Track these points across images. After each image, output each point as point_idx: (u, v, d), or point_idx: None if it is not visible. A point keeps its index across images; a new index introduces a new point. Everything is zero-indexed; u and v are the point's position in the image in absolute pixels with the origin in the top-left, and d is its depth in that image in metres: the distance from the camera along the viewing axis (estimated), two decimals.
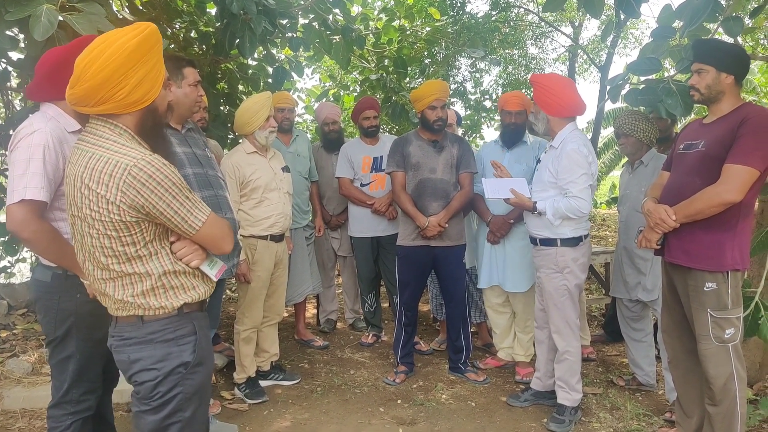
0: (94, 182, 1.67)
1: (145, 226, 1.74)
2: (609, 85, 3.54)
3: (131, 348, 1.83)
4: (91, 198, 1.68)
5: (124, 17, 4.23)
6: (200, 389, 1.91)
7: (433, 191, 3.91)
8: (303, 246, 4.72)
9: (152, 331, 1.82)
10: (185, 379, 1.85)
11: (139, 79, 1.71)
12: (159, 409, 1.83)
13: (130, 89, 1.70)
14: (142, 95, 1.74)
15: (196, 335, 1.89)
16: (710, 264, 2.65)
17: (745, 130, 2.54)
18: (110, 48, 1.65)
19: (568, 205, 3.22)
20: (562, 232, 3.33)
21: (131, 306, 1.81)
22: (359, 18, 6.35)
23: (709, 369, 2.70)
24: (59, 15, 2.52)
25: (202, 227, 1.81)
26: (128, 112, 1.75)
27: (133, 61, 1.68)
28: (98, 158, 1.68)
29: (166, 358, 1.82)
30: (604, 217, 12.40)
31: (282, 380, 4.05)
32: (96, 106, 1.70)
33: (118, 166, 1.65)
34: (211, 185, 3.07)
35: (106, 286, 1.81)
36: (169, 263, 1.82)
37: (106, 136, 1.73)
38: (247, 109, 3.63)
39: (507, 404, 3.72)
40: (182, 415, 1.86)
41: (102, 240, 1.73)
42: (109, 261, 1.76)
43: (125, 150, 1.69)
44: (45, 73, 2.20)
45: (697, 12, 3.01)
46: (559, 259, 3.35)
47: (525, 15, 12.64)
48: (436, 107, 3.89)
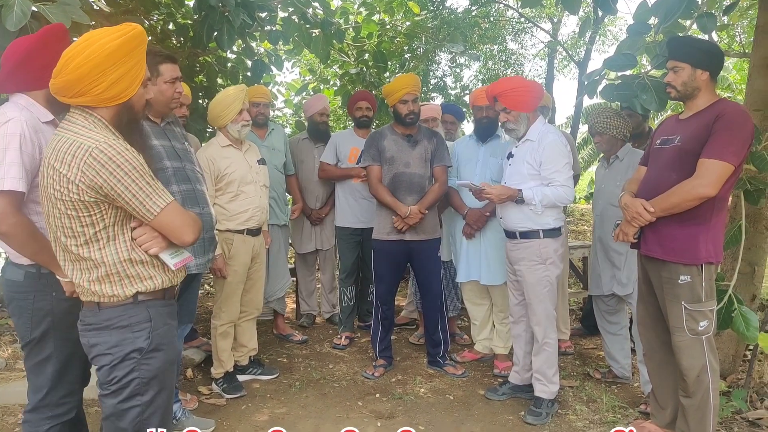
0: (59, 162, 1.75)
1: (105, 208, 1.80)
2: (586, 81, 3.59)
3: (90, 333, 1.91)
4: (54, 177, 1.76)
5: (100, 8, 4.17)
6: (159, 374, 1.95)
7: (409, 185, 3.92)
8: (281, 242, 4.71)
9: (107, 317, 1.89)
10: (141, 365, 1.90)
11: (117, 77, 1.79)
12: (117, 393, 1.89)
13: (107, 86, 1.78)
14: (118, 92, 1.82)
15: (151, 322, 1.93)
16: (685, 257, 2.70)
17: (719, 126, 2.58)
18: (92, 46, 1.75)
19: (556, 193, 3.29)
20: (545, 222, 3.37)
21: (88, 292, 1.88)
22: (339, 12, 6.32)
23: (682, 361, 2.75)
24: (33, 5, 2.48)
25: (160, 213, 1.83)
26: (104, 106, 1.84)
27: (111, 61, 1.76)
28: (65, 140, 1.77)
29: (119, 344, 1.88)
30: (583, 211, 12.53)
31: (260, 375, 4.03)
32: (74, 97, 1.79)
33: (81, 147, 1.73)
34: (189, 179, 3.04)
35: (68, 268, 1.89)
36: (125, 251, 1.87)
37: (80, 124, 1.81)
38: (219, 102, 3.58)
39: (485, 398, 3.74)
40: (141, 399, 1.91)
41: (63, 220, 1.80)
42: (68, 242, 1.83)
43: (91, 134, 1.78)
44: (16, 62, 2.13)
45: (672, 9, 3.06)
46: (542, 250, 3.38)
47: (505, 11, 12.72)
48: (408, 101, 3.91)
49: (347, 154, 4.70)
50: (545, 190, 3.30)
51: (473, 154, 4.10)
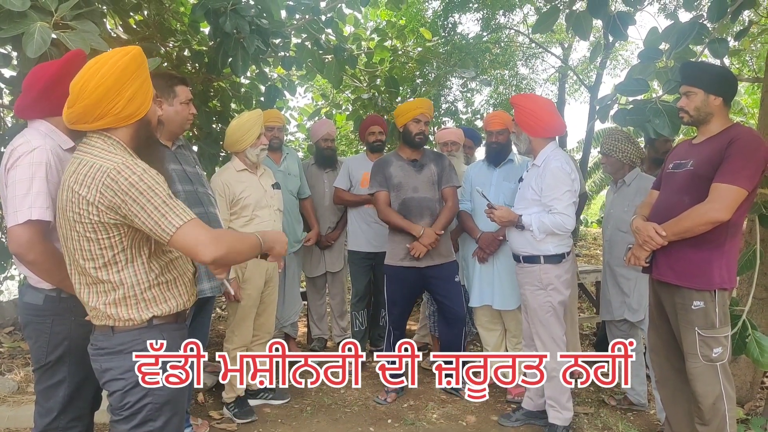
0: (77, 184, 1.77)
1: (124, 231, 1.80)
2: (598, 105, 3.59)
3: (103, 358, 1.89)
4: (74, 200, 1.77)
5: (117, 35, 4.25)
6: (172, 399, 1.93)
7: (419, 210, 3.92)
8: (295, 268, 4.72)
9: (121, 342, 1.87)
10: (154, 390, 1.88)
11: (132, 93, 1.84)
12: (130, 419, 1.87)
13: (124, 104, 1.82)
14: (135, 109, 1.87)
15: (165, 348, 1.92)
16: (698, 282, 2.67)
17: (733, 151, 2.57)
18: (104, 67, 1.79)
19: (554, 221, 3.26)
20: (545, 248, 3.35)
21: (103, 315, 1.87)
22: (351, 38, 6.40)
23: (697, 388, 2.71)
24: (52, 32, 2.53)
25: (176, 232, 1.74)
26: (124, 125, 1.87)
27: (125, 78, 1.81)
28: (84, 163, 1.79)
29: (133, 369, 1.86)
30: (595, 235, 12.46)
31: (271, 399, 4.01)
32: (95, 121, 1.82)
33: (101, 169, 1.75)
34: (202, 203, 3.07)
35: (83, 291, 1.89)
36: (144, 273, 1.87)
37: (99, 147, 1.83)
38: (238, 127, 3.63)
39: (498, 424, 3.70)
40: (153, 424, 1.89)
41: (81, 242, 1.81)
42: (87, 264, 1.83)
43: (110, 156, 1.80)
44: (40, 88, 2.16)
45: (683, 35, 3.08)
46: (542, 276, 3.36)
47: (515, 36, 12.82)
48: (420, 120, 3.94)
49: (360, 179, 4.72)
50: (543, 218, 3.29)
51: (486, 179, 4.11)
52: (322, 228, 5.00)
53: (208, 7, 3.85)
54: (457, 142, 4.65)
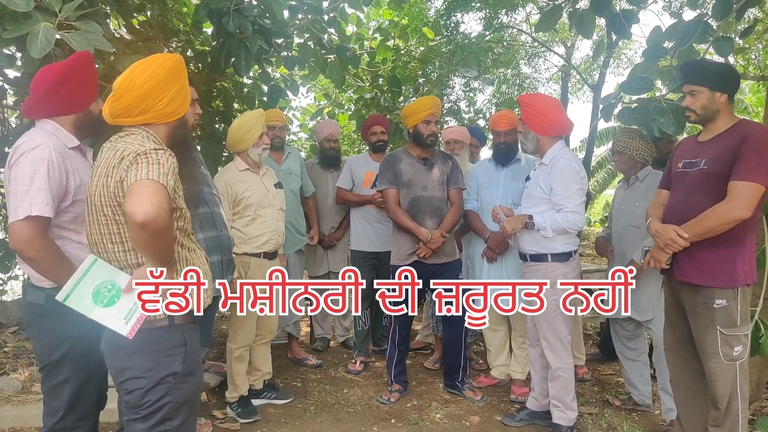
0: (108, 168, 1.84)
1: None
2: (602, 104, 3.58)
3: (122, 356, 1.89)
4: (104, 182, 1.84)
5: (121, 36, 4.25)
6: (190, 399, 1.95)
7: (429, 208, 3.91)
8: (298, 268, 4.72)
9: (143, 340, 1.87)
10: (174, 389, 1.89)
11: (175, 93, 1.96)
12: (148, 418, 1.87)
13: (168, 101, 1.94)
14: (176, 107, 1.99)
15: (186, 346, 1.94)
16: (722, 280, 2.64)
17: (747, 147, 2.56)
18: (152, 65, 1.91)
19: (566, 219, 3.25)
20: (552, 247, 3.34)
21: None
22: (354, 37, 6.39)
23: (718, 388, 2.67)
24: (56, 33, 2.53)
25: (142, 180, 1.72)
26: (165, 122, 1.98)
27: (171, 77, 1.94)
28: (116, 149, 1.86)
29: (155, 367, 1.87)
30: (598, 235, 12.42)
31: (275, 399, 4.01)
32: (139, 115, 1.92)
33: (131, 153, 1.81)
34: (207, 202, 3.08)
35: None
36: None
37: (136, 135, 1.92)
38: (240, 126, 3.63)
39: (502, 424, 3.69)
40: (171, 423, 1.90)
41: (110, 226, 1.86)
42: (116, 248, 1.88)
43: (145, 143, 1.87)
44: (47, 88, 2.17)
45: (687, 33, 3.06)
46: (549, 274, 3.35)
47: (518, 35, 12.79)
48: (431, 122, 3.92)
49: (362, 179, 4.72)
50: (556, 217, 3.28)
51: (493, 178, 4.10)
52: (326, 228, 5.00)
53: (211, 8, 3.85)
54: (462, 141, 4.64)
